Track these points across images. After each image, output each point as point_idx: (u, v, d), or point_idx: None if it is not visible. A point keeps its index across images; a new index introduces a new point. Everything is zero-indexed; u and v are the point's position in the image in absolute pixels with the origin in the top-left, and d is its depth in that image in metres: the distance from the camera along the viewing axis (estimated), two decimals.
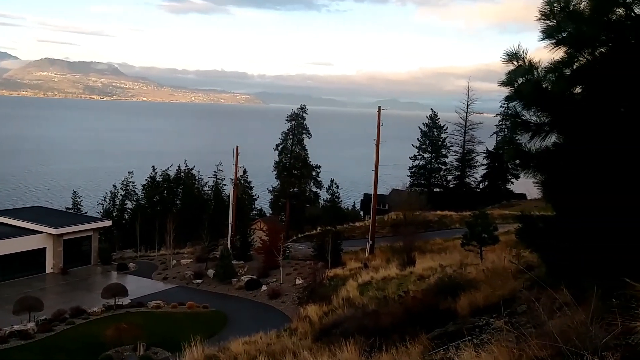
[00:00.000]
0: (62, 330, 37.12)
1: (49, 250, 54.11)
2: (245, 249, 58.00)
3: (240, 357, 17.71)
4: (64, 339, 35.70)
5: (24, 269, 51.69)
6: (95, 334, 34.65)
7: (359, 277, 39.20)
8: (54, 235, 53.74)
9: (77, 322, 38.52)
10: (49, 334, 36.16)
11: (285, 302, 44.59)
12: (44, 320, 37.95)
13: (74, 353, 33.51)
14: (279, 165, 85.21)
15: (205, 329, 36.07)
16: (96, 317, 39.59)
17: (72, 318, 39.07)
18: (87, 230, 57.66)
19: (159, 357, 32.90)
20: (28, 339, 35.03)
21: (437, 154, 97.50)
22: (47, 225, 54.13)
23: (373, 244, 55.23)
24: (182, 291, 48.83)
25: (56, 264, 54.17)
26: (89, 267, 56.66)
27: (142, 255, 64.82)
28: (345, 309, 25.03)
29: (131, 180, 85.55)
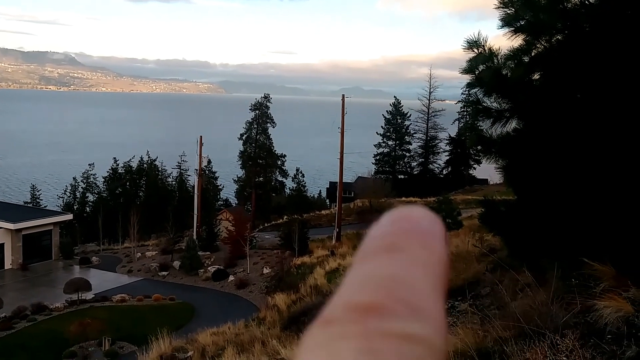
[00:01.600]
0: (23, 327, 36.39)
1: (7, 246, 52.83)
2: (211, 240, 57.68)
3: (208, 348, 17.70)
4: (25, 336, 35.02)
5: None
6: (59, 330, 34.11)
7: (326, 264, 39.42)
8: (12, 230, 52.49)
9: (39, 319, 37.79)
10: (9, 332, 35.40)
11: (253, 291, 44.59)
12: (3, 318, 37.14)
13: (36, 350, 32.93)
14: (244, 155, 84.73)
15: (172, 321, 35.87)
16: (59, 313, 38.91)
17: (34, 315, 38.31)
18: (47, 224, 56.48)
19: (125, 352, 32.59)
20: None
21: (401, 141, 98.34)
22: (4, 220, 52.79)
23: (340, 231, 55.54)
24: (148, 284, 48.36)
25: (15, 259, 52.95)
26: (50, 262, 55.59)
27: (106, 249, 63.93)
28: (313, 297, 25.20)
29: (92, 173, 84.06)
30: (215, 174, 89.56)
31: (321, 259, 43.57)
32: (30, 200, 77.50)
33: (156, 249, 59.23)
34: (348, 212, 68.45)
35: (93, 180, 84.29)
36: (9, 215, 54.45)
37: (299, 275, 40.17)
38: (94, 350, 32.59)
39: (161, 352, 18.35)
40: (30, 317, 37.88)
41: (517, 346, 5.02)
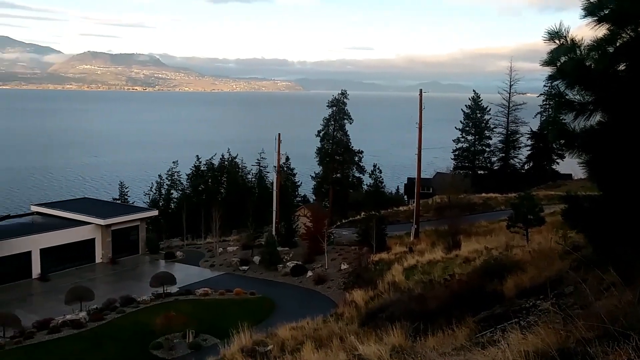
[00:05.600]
0: (113, 319, 38.19)
1: (98, 241, 55.61)
2: (290, 236, 58.46)
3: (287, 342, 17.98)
4: (114, 327, 36.75)
5: (74, 260, 53.29)
6: (145, 322, 35.58)
7: (404, 261, 39.15)
8: (103, 226, 55.18)
9: (127, 311, 39.55)
10: (100, 323, 37.24)
11: (331, 287, 44.86)
12: (95, 310, 39.10)
13: (125, 341, 34.50)
14: (321, 152, 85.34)
15: (252, 315, 36.66)
16: (145, 306, 40.57)
17: (123, 307, 40.12)
18: (135, 220, 59.00)
19: (208, 344, 33.57)
20: (80, 328, 36.17)
21: (480, 136, 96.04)
22: (95, 217, 55.58)
23: (418, 227, 54.95)
24: (229, 278, 49.61)
25: (105, 254, 55.67)
26: (137, 257, 58.07)
27: (189, 244, 66.07)
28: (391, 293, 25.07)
29: (176, 170, 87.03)
30: (294, 170, 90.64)
31: (399, 256, 43.28)
32: (119, 197, 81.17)
33: (237, 244, 60.64)
34: (426, 208, 67.62)
35: (177, 177, 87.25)
36: (99, 212, 57.29)
37: (377, 271, 40.05)
38: (179, 342, 33.80)
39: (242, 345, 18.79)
40: (119, 309, 39.71)
41: (601, 347, 4.84)
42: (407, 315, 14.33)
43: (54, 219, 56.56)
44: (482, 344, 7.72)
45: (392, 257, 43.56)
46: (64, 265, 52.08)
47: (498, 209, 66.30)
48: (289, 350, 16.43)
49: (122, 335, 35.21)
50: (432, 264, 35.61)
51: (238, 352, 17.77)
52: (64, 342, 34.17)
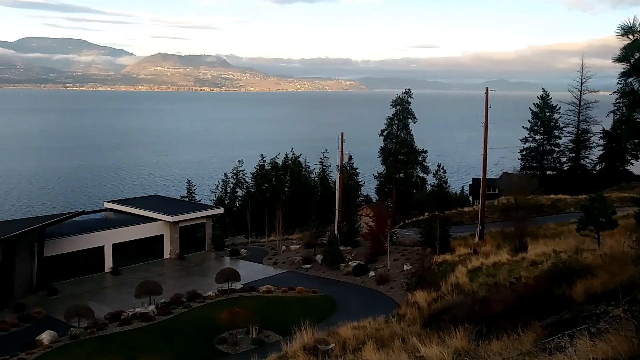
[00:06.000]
0: (180, 313, 39.26)
1: (166, 237, 57.28)
2: (352, 235, 58.46)
3: (349, 341, 17.97)
4: (181, 321, 37.76)
5: (143, 255, 55.21)
6: (211, 317, 36.40)
7: (468, 263, 38.45)
8: (171, 222, 56.78)
9: (194, 306, 40.58)
10: (167, 317, 38.38)
11: (393, 287, 44.59)
12: (163, 304, 40.30)
13: (191, 335, 35.39)
14: (385, 151, 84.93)
15: (314, 313, 36.89)
16: (211, 301, 41.49)
17: (189, 301, 41.19)
18: (201, 217, 60.40)
19: (271, 341, 34.01)
20: (149, 321, 37.40)
21: (549, 135, 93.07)
22: (164, 214, 57.27)
23: (483, 229, 53.86)
24: (292, 276, 50.09)
25: (173, 250, 57.26)
26: (203, 253, 59.43)
27: (253, 241, 67.09)
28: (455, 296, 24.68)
29: (241, 169, 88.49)
30: (357, 170, 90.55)
31: (463, 257, 42.55)
32: (187, 195, 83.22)
33: (300, 242, 61.14)
34: (492, 209, 66.16)
35: (242, 176, 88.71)
36: (168, 209, 58.98)
37: (440, 273, 39.52)
38: (243, 337, 34.40)
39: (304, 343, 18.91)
40: (185, 303, 40.78)
41: None
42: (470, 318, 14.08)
43: (126, 215, 58.63)
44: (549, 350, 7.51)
45: (456, 259, 42.87)
46: (134, 260, 53.99)
47: (567, 211, 64.12)
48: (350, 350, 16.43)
49: (189, 329, 36.13)
50: (498, 267, 34.82)
51: (300, 350, 17.90)
52: (134, 334, 35.39)
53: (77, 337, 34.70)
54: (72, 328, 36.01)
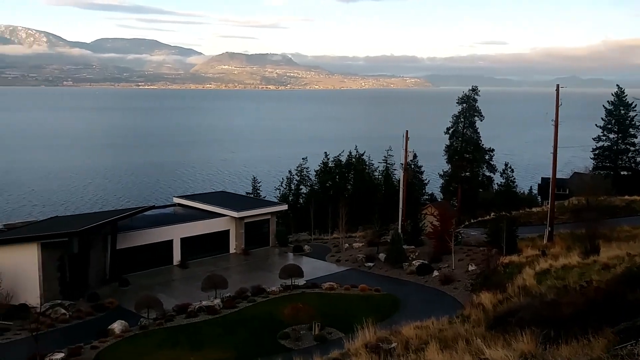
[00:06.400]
0: (244, 307, 39.97)
1: (232, 233, 58.40)
2: (416, 234, 57.93)
3: (412, 341, 17.87)
4: (246, 315, 38.45)
5: (210, 249, 56.47)
6: (274, 312, 36.91)
7: (536, 265, 37.44)
8: (237, 218, 57.85)
9: (258, 300, 41.23)
10: (232, 310, 39.16)
11: (458, 288, 43.90)
12: (228, 297, 41.15)
13: (255, 329, 35.98)
14: (450, 149, 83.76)
15: (377, 311, 36.79)
16: (274, 296, 42.05)
17: (253, 296, 41.89)
18: (266, 214, 61.25)
19: (333, 337, 34.12)
20: (214, 314, 38.27)
21: (624, 134, 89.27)
22: (230, 209, 58.40)
23: (552, 230, 52.25)
24: (355, 274, 50.08)
25: (238, 245, 58.34)
26: (268, 249, 60.25)
27: (316, 238, 67.47)
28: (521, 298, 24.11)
29: (305, 166, 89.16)
30: (421, 168, 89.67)
31: (531, 259, 41.45)
32: (252, 191, 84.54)
33: (363, 240, 61.05)
34: (562, 210, 64.12)
35: (306, 173, 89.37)
36: (234, 205, 60.13)
37: (507, 274, 38.63)
38: (305, 333, 34.69)
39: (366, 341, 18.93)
40: (250, 298, 41.50)
41: None
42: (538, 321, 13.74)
43: (194, 210, 60.16)
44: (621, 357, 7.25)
45: (523, 260, 41.81)
46: (201, 254, 55.32)
47: None
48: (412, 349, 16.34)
49: (253, 323, 36.75)
50: (567, 269, 33.75)
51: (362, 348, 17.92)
52: (200, 326, 36.32)
53: (147, 328, 35.92)
54: (142, 319, 37.29)
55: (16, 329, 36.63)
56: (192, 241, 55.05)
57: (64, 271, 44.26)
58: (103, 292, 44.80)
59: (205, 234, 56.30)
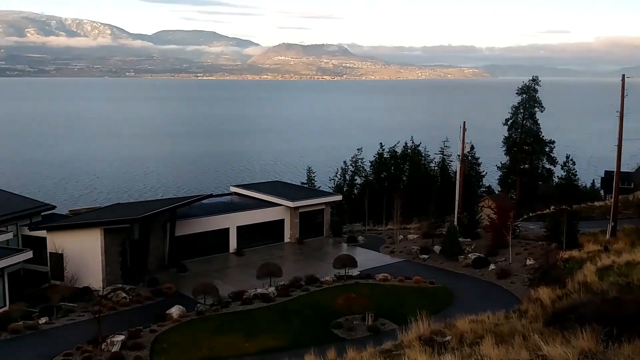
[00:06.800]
0: (298, 295, 40.36)
1: (287, 222, 58.96)
2: (472, 227, 57.04)
3: (466, 335, 17.64)
4: (299, 303, 38.80)
5: (265, 238, 57.25)
6: (327, 302, 37.11)
7: (597, 260, 36.23)
8: (292, 208, 58.33)
9: (311, 289, 41.54)
10: (286, 299, 39.61)
11: (515, 282, 43.05)
12: (282, 286, 41.64)
13: (309, 318, 36.28)
14: (509, 141, 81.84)
15: (430, 304, 36.51)
16: (328, 286, 42.27)
17: (307, 285, 42.23)
18: (320, 204, 61.51)
19: (386, 329, 34.06)
20: (269, 301, 38.80)
21: None
22: (285, 199, 58.92)
23: (615, 225, 50.47)
24: (409, 265, 49.78)
25: (293, 234, 58.84)
26: (322, 239, 60.52)
27: (370, 229, 67.32)
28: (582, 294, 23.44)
29: (360, 157, 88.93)
30: (478, 160, 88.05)
31: (592, 254, 40.16)
32: (307, 181, 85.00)
33: (417, 232, 60.58)
34: (626, 204, 61.89)
35: (361, 164, 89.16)
36: (289, 195, 60.63)
37: (566, 269, 37.56)
38: (358, 324, 34.76)
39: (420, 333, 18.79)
40: (304, 287, 41.85)
41: None
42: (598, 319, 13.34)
43: (250, 199, 61.00)
44: None
45: (584, 256, 40.55)
46: (256, 243, 56.17)
47: None
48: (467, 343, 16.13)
49: (306, 312, 37.07)
50: (631, 266, 32.51)
51: (416, 340, 17.81)
52: (255, 313, 36.91)
53: (203, 313, 36.74)
54: (199, 304, 38.17)
55: (80, 310, 38.13)
56: (248, 230, 55.92)
57: (125, 256, 45.74)
58: (162, 277, 46.03)
59: (260, 222, 57.07)
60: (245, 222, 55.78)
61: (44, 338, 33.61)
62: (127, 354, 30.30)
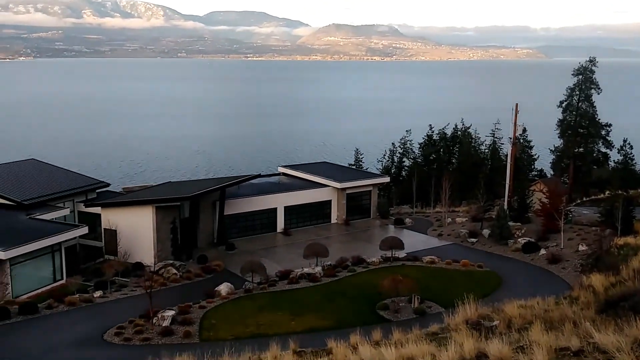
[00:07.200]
0: (345, 276, 40.52)
1: (334, 203, 59.14)
2: (522, 211, 55.98)
3: (515, 320, 17.36)
4: (345, 284, 38.96)
5: (312, 218, 57.70)
6: (374, 283, 37.10)
7: None
8: (339, 189, 58.43)
9: (358, 270, 41.64)
10: (333, 279, 39.83)
11: (566, 268, 42.14)
12: (328, 266, 41.90)
13: (354, 298, 36.39)
14: (563, 124, 79.65)
15: (478, 288, 36.12)
16: (374, 267, 42.28)
17: (353, 266, 42.37)
18: (368, 185, 61.38)
19: (432, 312, 33.90)
20: (315, 281, 39.09)
21: None
22: (333, 180, 59.04)
23: None
24: (456, 249, 49.30)
25: (340, 215, 58.99)
26: (368, 220, 60.48)
27: (418, 212, 66.88)
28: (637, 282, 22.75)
29: (409, 139, 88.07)
30: (530, 143, 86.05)
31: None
32: (354, 163, 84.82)
33: (466, 215, 59.84)
34: None
35: (409, 145, 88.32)
36: (336, 176, 60.72)
37: (621, 256, 36.49)
38: (404, 306, 34.69)
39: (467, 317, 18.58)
40: (350, 267, 42.00)
41: None
42: None
43: (297, 180, 61.38)
44: None
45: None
46: (303, 223, 56.64)
47: None
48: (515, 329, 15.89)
49: (352, 293, 37.20)
50: None
51: (462, 324, 17.63)
52: (301, 292, 37.27)
53: (251, 291, 37.33)
54: (247, 282, 38.80)
55: (132, 285, 39.30)
56: (295, 210, 56.38)
57: (175, 233, 46.79)
58: (211, 255, 46.94)
59: (307, 203, 57.44)
60: (292, 202, 56.24)
61: (98, 311, 34.83)
62: (177, 328, 31.12)
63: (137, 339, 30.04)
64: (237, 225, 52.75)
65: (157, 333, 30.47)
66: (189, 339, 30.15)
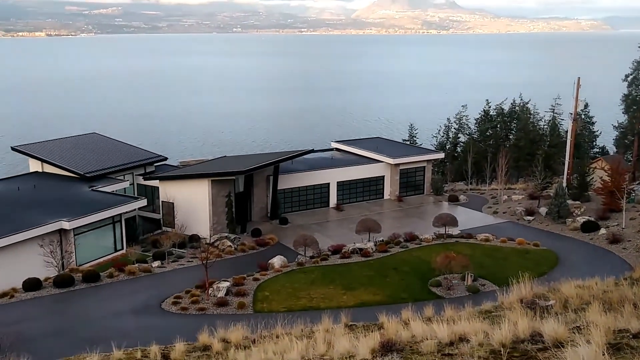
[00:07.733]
0: (397, 252, 40.43)
1: (387, 179, 58.87)
2: (582, 189, 54.38)
3: (571, 300, 16.99)
4: (397, 260, 38.89)
5: (365, 194, 57.72)
6: (426, 260, 36.92)
7: None
8: (392, 164, 58.07)
9: (410, 247, 41.45)
10: (384, 255, 39.81)
11: (627, 248, 40.82)
12: (381, 242, 41.87)
13: (406, 274, 36.33)
14: (628, 99, 76.49)
15: (534, 266, 35.50)
16: (427, 244, 41.99)
17: (406, 242, 42.17)
18: (422, 161, 60.76)
19: (486, 289, 33.53)
20: (367, 256, 39.17)
21: None
22: (386, 156, 58.69)
23: None
24: (512, 227, 48.42)
25: (393, 191, 58.70)
26: (422, 196, 59.99)
27: (473, 189, 65.85)
28: None
29: (465, 114, 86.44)
30: (592, 119, 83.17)
31: None
32: (408, 139, 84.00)
33: (523, 193, 58.58)
34: None
35: (465, 121, 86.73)
36: (390, 151, 60.32)
37: None
38: (457, 283, 34.42)
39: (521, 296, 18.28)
40: (402, 244, 41.85)
41: None
42: None
43: (350, 155, 61.31)
44: None
45: None
46: (356, 198, 56.69)
47: None
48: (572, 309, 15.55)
49: (404, 269, 37.15)
50: None
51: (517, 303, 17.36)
52: (353, 267, 37.45)
53: (303, 265, 37.76)
54: (299, 256, 39.25)
55: (189, 256, 40.36)
56: (348, 185, 56.46)
57: (230, 207, 47.65)
58: (265, 228, 47.64)
59: (360, 179, 57.39)
60: (345, 177, 56.31)
61: (156, 280, 35.98)
62: (232, 299, 31.85)
63: (193, 308, 30.92)
64: (291, 199, 53.30)
65: (212, 303, 31.28)
66: (243, 310, 30.84)
